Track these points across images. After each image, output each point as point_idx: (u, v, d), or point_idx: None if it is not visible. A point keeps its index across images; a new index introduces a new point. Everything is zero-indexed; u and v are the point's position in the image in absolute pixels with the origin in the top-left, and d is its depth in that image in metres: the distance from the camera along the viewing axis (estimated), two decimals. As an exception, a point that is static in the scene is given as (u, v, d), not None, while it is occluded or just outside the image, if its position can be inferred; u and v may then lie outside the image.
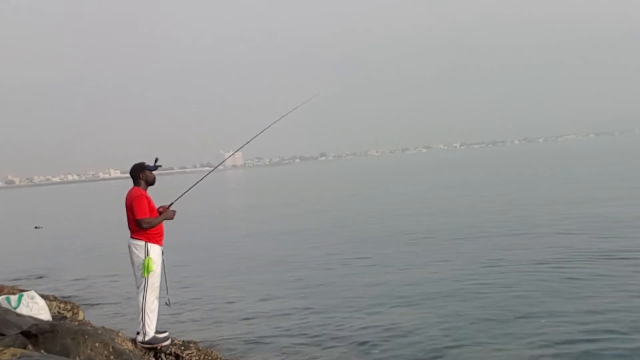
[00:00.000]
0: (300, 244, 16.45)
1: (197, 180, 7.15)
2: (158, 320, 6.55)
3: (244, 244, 17.56)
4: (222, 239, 19.39)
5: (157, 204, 6.56)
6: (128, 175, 6.59)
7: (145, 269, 6.19)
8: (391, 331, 7.70)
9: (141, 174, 6.44)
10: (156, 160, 6.57)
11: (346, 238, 16.70)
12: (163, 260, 6.46)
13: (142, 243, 6.25)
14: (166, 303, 6.60)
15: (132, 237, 6.32)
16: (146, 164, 6.49)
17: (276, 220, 24.29)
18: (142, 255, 6.23)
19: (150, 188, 6.59)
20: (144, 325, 6.31)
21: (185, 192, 6.82)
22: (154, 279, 6.29)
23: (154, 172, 6.56)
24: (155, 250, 6.29)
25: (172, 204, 6.59)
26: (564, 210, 18.20)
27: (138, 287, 6.33)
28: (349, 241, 16.07)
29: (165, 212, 6.48)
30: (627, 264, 10.25)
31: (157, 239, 6.35)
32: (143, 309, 6.28)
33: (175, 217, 6.54)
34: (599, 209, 17.78)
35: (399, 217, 20.94)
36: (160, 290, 6.45)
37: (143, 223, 6.20)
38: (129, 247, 6.33)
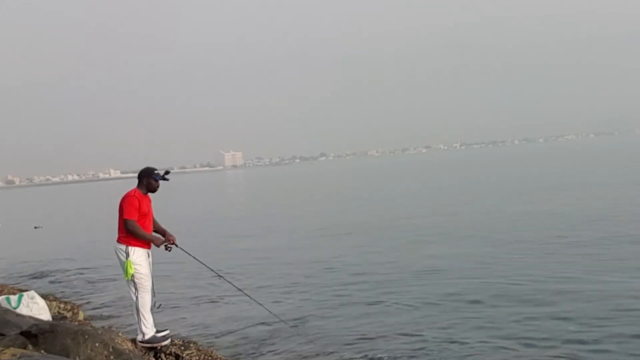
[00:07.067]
0: (305, 246, 16.45)
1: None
2: (156, 320, 6.57)
3: (245, 245, 17.55)
4: (223, 240, 19.37)
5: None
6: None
7: (125, 271, 6.26)
8: (393, 331, 7.71)
9: (145, 179, 6.50)
10: (166, 172, 6.64)
11: (357, 239, 16.70)
12: (150, 263, 6.50)
13: (123, 247, 6.33)
14: (155, 305, 6.64)
15: (116, 241, 6.42)
16: (155, 172, 6.53)
17: (280, 221, 24.28)
18: (124, 259, 6.31)
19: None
20: (140, 325, 6.37)
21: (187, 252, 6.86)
22: (143, 280, 6.34)
23: (161, 182, 6.60)
24: (137, 253, 6.34)
25: (174, 244, 6.60)
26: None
27: (129, 289, 6.39)
28: (354, 243, 16.08)
29: (156, 237, 6.50)
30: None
31: (139, 243, 6.38)
32: (138, 310, 6.36)
33: (159, 247, 6.51)
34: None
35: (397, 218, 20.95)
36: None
37: (127, 224, 6.28)
38: (115, 251, 6.43)
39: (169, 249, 6.57)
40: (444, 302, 8.92)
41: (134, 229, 6.27)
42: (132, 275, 6.28)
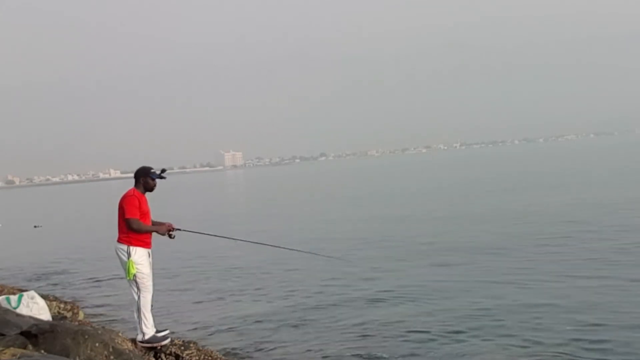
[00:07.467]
0: (304, 245, 16.41)
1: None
2: (157, 320, 6.57)
3: (245, 246, 17.52)
4: (223, 239, 19.34)
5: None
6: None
7: (127, 271, 6.26)
8: (392, 329, 7.72)
9: (142, 178, 6.52)
10: (163, 170, 6.66)
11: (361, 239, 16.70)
12: (151, 262, 6.51)
13: (124, 247, 6.33)
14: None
15: (117, 241, 6.42)
16: (151, 171, 6.55)
17: (280, 220, 24.27)
18: (125, 259, 6.31)
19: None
20: (141, 325, 6.38)
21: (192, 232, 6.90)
22: (145, 279, 6.34)
23: (158, 180, 6.63)
24: (138, 252, 6.34)
25: (174, 229, 6.61)
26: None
27: (131, 289, 6.40)
28: (357, 243, 16.08)
29: (159, 226, 6.51)
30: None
31: (140, 242, 6.39)
32: (139, 309, 6.36)
33: (165, 235, 6.53)
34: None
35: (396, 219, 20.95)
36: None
37: (131, 223, 6.28)
38: (115, 251, 6.43)
39: (172, 236, 6.59)
40: (445, 300, 8.93)
41: (138, 226, 6.28)
42: (134, 275, 6.28)
